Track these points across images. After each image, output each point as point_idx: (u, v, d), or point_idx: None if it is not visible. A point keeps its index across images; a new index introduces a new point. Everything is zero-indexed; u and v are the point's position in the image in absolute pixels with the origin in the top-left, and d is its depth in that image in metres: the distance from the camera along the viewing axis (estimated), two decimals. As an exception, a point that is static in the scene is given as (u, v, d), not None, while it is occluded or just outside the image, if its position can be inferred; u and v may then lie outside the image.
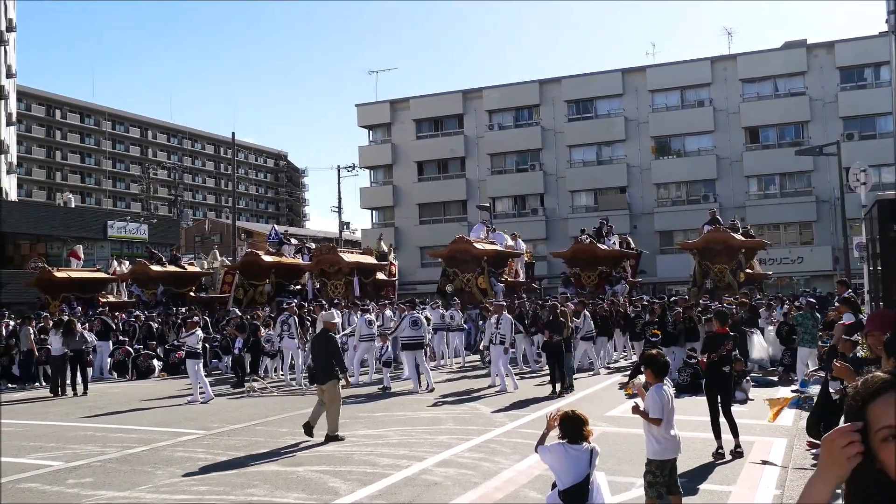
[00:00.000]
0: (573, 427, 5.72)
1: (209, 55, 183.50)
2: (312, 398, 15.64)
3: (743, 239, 27.64)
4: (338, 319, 13.83)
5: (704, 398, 9.65)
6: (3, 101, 53.52)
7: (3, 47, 53.14)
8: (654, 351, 7.37)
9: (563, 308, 16.86)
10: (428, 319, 18.96)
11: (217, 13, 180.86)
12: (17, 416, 14.78)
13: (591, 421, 5.96)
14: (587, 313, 18.93)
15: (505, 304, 18.79)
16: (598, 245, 29.09)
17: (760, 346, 18.27)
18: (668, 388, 6.65)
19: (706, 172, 54.43)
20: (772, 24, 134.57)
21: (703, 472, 8.55)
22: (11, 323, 23.40)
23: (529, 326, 20.15)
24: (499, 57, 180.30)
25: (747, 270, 27.07)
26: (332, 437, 10.71)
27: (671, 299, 22.28)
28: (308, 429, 10.78)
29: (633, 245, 32.71)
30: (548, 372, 16.41)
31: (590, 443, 5.72)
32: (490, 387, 16.11)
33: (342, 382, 11.14)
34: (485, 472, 8.64)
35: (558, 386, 15.19)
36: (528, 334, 20.28)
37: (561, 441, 5.76)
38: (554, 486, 6.00)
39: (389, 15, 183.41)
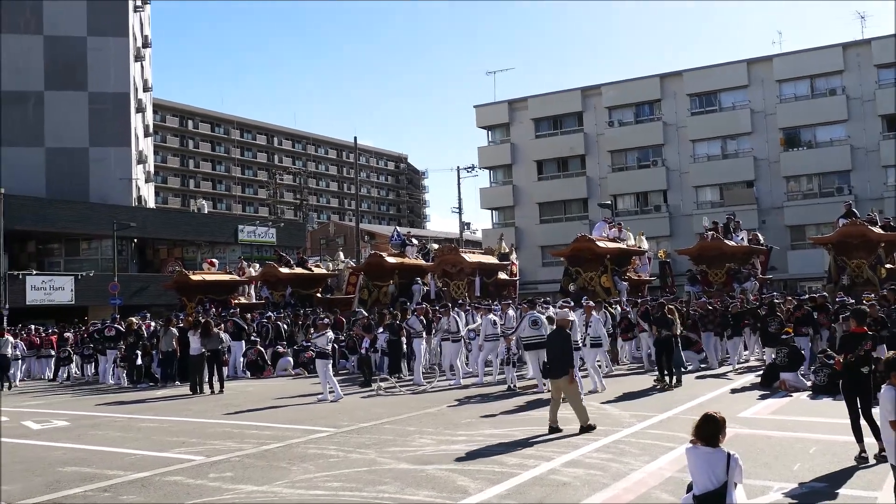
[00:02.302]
0: (711, 429, 5.57)
1: (330, 62, 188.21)
2: (437, 397, 15.86)
3: (882, 232, 26.26)
4: (573, 317, 14.08)
5: (843, 400, 9.23)
6: (141, 114, 56.38)
7: (140, 63, 55.96)
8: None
9: (671, 306, 17.67)
10: (551, 319, 18.81)
11: (337, 20, 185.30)
12: (160, 413, 15.55)
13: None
14: (599, 316, 17.74)
15: (594, 304, 18.36)
16: (725, 241, 28.24)
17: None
18: None
19: (840, 163, 52.09)
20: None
21: (843, 477, 8.19)
22: (152, 324, 24.59)
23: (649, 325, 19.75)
24: (617, 53, 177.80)
25: (888, 266, 25.72)
26: (585, 429, 10.96)
27: (804, 297, 21.39)
28: (553, 431, 11.04)
29: (762, 241, 31.59)
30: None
31: (725, 447, 5.55)
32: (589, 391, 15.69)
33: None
34: (614, 473, 8.54)
35: (667, 379, 16.05)
36: (652, 333, 19.86)
37: (697, 443, 5.62)
38: (689, 489, 5.87)
39: (506, 15, 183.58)
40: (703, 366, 19.83)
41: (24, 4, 48.34)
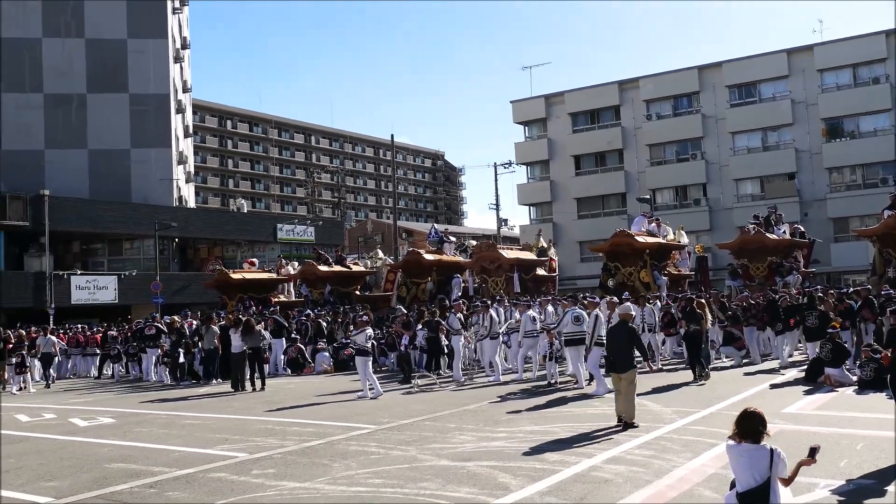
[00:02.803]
0: (751, 425, 5.50)
1: (367, 60, 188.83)
2: (477, 393, 15.86)
3: (929, 224, 25.73)
4: (634, 312, 14.12)
5: (891, 395, 9.07)
6: (181, 115, 57.02)
7: (179, 64, 56.60)
8: None
9: (700, 300, 17.95)
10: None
11: (372, 18, 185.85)
12: (203, 410, 15.74)
13: (767, 418, 5.71)
14: (597, 314, 16.06)
15: (597, 301, 18.06)
16: (767, 234, 27.88)
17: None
18: None
19: (884, 154, 50.99)
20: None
21: (892, 473, 8.02)
22: (195, 322, 24.89)
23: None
24: (655, 45, 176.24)
25: (935, 258, 25.19)
26: (629, 425, 11.00)
27: (849, 290, 21.03)
28: (621, 422, 11.14)
29: (804, 233, 31.12)
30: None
31: (769, 443, 5.48)
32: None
33: (645, 368, 11.96)
34: (656, 470, 8.47)
35: (696, 373, 16.32)
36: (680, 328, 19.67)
37: (737, 440, 5.55)
38: (732, 485, 5.81)
39: (542, 10, 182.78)
40: (744, 361, 19.59)
41: (66, 6, 49.12)
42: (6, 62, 48.04)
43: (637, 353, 11.64)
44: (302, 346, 24.15)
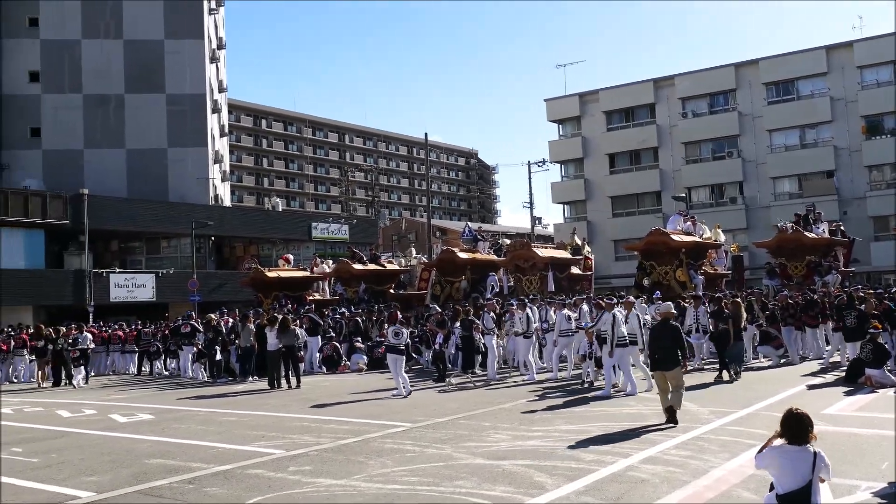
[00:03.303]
0: (796, 427, 5.43)
1: (400, 58, 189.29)
2: (512, 392, 15.83)
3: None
4: (675, 310, 14.22)
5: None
6: (216, 114, 57.56)
7: (215, 64, 57.14)
8: None
9: (735, 300, 18.15)
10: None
11: (405, 17, 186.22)
12: (240, 407, 15.87)
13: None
14: (615, 314, 15.34)
15: (613, 301, 17.78)
16: (805, 233, 27.52)
17: None
18: None
19: (927, 152, 50.22)
20: None
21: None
22: (231, 320, 25.11)
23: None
24: (690, 42, 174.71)
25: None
26: (672, 420, 11.19)
27: (893, 290, 20.71)
28: (671, 415, 11.30)
29: (844, 232, 30.67)
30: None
31: (812, 445, 5.40)
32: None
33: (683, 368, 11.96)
34: (693, 471, 8.40)
35: (725, 373, 16.56)
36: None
37: (780, 443, 5.47)
38: (772, 487, 5.74)
39: (576, 8, 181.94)
40: (782, 361, 19.37)
41: (105, 7, 49.82)
42: (47, 63, 48.88)
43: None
44: (337, 345, 24.26)
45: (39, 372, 25.20)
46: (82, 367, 23.92)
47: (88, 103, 49.20)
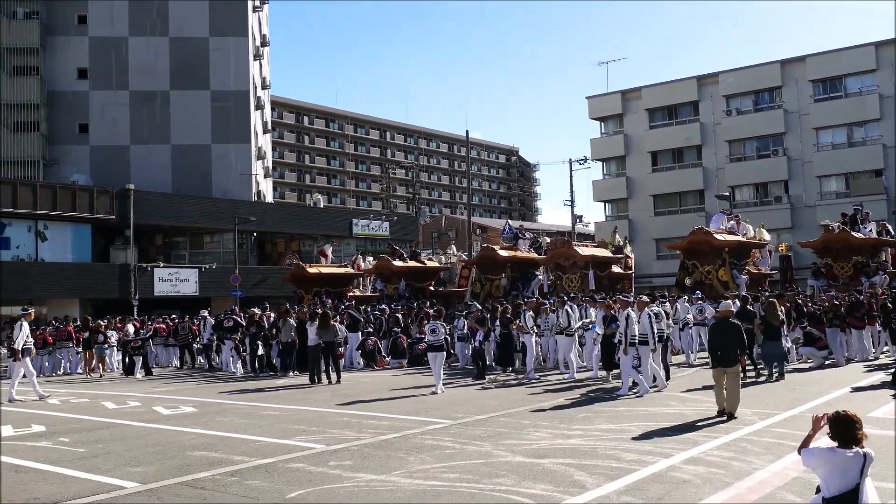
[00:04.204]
0: (845, 429, 5.33)
1: (441, 56, 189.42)
2: (551, 391, 15.78)
3: None
4: (734, 308, 14.48)
5: None
6: (260, 111, 58.07)
7: (259, 61, 57.65)
8: None
9: (770, 300, 18.22)
10: (667, 313, 18.37)
11: (447, 14, 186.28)
12: (281, 402, 16.02)
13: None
14: (629, 313, 15.23)
15: (630, 300, 17.47)
16: (852, 233, 27.06)
17: None
18: None
19: (979, 150, 49.10)
20: None
21: None
22: (272, 315, 25.33)
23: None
24: (734, 39, 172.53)
25: None
26: (731, 416, 11.62)
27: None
28: (724, 413, 11.72)
29: (892, 232, 30.12)
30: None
31: (863, 447, 5.30)
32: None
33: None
34: (736, 472, 8.31)
35: (757, 374, 16.98)
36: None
37: (830, 445, 5.37)
38: (818, 490, 5.64)
39: (618, 5, 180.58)
40: (827, 362, 19.07)
41: (152, 5, 50.60)
42: (95, 60, 49.76)
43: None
44: (377, 341, 24.37)
45: (84, 363, 25.75)
46: (141, 359, 24.65)
47: (135, 100, 50.03)
